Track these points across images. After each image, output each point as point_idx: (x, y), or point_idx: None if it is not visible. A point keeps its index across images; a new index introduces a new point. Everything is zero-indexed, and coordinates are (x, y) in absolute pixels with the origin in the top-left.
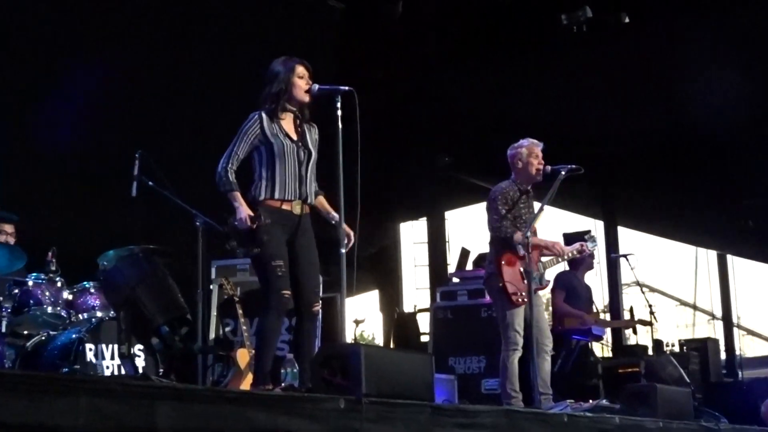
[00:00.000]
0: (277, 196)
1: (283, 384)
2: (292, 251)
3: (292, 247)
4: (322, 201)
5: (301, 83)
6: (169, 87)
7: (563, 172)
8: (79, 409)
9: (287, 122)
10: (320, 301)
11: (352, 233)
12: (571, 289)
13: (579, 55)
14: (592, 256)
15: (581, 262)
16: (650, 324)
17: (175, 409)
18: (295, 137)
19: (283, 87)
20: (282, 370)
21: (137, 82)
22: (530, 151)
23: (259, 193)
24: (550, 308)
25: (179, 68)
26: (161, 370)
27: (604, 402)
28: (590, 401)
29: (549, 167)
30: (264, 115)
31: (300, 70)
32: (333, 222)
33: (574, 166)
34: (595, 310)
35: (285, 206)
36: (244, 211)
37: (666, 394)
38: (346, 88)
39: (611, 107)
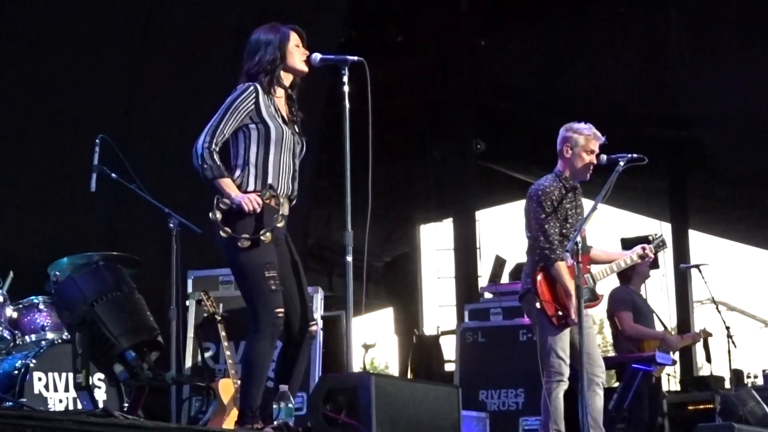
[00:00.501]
0: (267, 188)
1: (275, 422)
2: (279, 260)
3: (279, 254)
4: None
5: (297, 51)
6: (137, 58)
7: (622, 163)
8: None
9: (280, 102)
10: (318, 321)
11: None
12: (635, 307)
13: (654, 18)
14: (654, 265)
15: (634, 272)
16: (726, 339)
17: None
18: (288, 122)
19: (279, 54)
20: (274, 405)
21: (98, 54)
22: (587, 141)
23: (246, 183)
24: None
25: (148, 36)
26: (126, 405)
27: None
28: None
29: (605, 156)
30: (260, 89)
31: (295, 36)
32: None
33: (635, 155)
34: (661, 328)
35: (274, 203)
36: (242, 195)
37: None
38: (355, 57)
39: (681, 81)
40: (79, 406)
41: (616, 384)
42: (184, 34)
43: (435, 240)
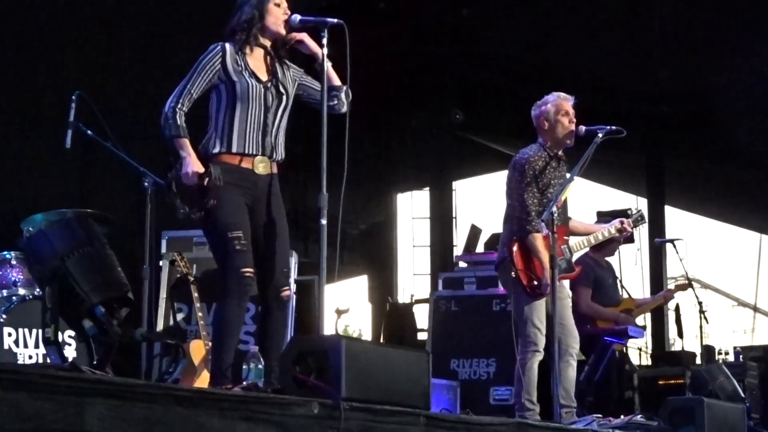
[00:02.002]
0: (234, 149)
1: (244, 383)
2: (254, 221)
3: (255, 215)
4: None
5: (278, 12)
6: (115, 12)
7: (600, 135)
8: None
9: (256, 59)
10: (291, 285)
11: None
12: (596, 281)
13: None
14: (629, 239)
15: (605, 244)
16: (699, 314)
17: (110, 408)
18: (264, 77)
19: (257, 14)
20: (244, 366)
21: (75, 8)
22: (558, 107)
23: (212, 146)
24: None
25: None
26: (95, 361)
27: (639, 418)
28: (622, 417)
29: (583, 128)
30: (228, 47)
31: None
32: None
33: (614, 127)
34: (626, 296)
35: (245, 163)
36: (191, 163)
37: (715, 411)
38: (335, 20)
39: (662, 55)
40: (48, 362)
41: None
42: None
43: (411, 209)
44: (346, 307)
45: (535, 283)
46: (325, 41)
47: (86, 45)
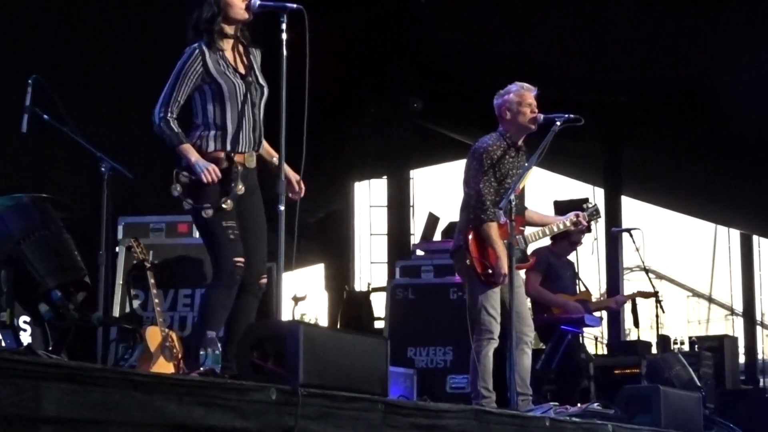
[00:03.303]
0: (229, 147)
1: (201, 368)
2: (241, 211)
3: (242, 205)
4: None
5: (237, 1)
6: None
7: (558, 123)
8: None
9: (229, 52)
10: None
11: (299, 179)
12: (550, 269)
13: None
14: (586, 230)
15: (561, 237)
16: (655, 304)
17: (66, 393)
18: (243, 71)
19: (216, 9)
20: (201, 351)
21: None
22: (521, 98)
23: (207, 145)
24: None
25: None
26: (50, 346)
27: (596, 406)
28: (578, 405)
29: (541, 116)
30: (205, 49)
31: None
32: (274, 169)
33: (572, 116)
34: (583, 289)
35: (237, 159)
36: (202, 162)
37: (671, 399)
38: (295, 5)
39: (621, 46)
40: (3, 345)
41: (543, 346)
42: None
43: (369, 197)
44: (304, 294)
45: (490, 271)
46: (284, 26)
47: (42, 28)
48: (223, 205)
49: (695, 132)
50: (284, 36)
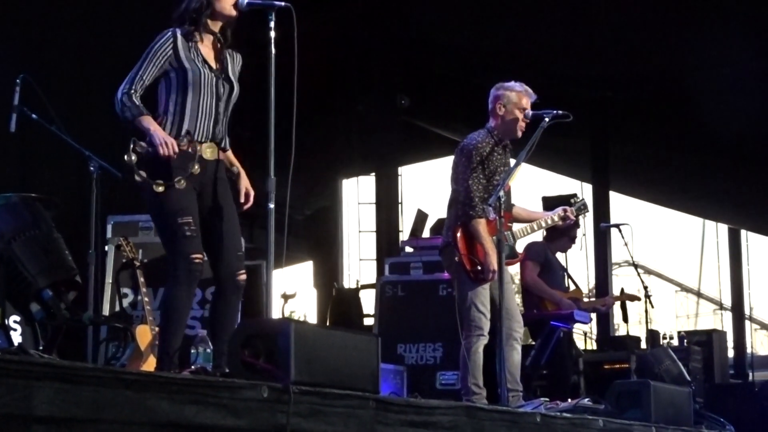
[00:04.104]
0: (184, 134)
1: (193, 367)
2: (203, 206)
3: (203, 200)
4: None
5: None
6: None
7: (547, 119)
8: None
9: (206, 47)
10: (245, 268)
11: (251, 191)
12: (546, 263)
13: None
14: (576, 225)
15: (560, 234)
16: (644, 299)
17: (58, 392)
18: (214, 65)
19: (204, 3)
20: (192, 350)
21: None
22: (519, 99)
23: (163, 129)
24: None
25: None
26: (41, 345)
27: (586, 401)
28: (569, 400)
29: (530, 112)
30: (179, 35)
31: None
32: (234, 177)
33: (560, 112)
34: (573, 287)
35: (191, 149)
36: (161, 134)
37: (661, 394)
38: (282, 3)
39: (608, 41)
40: None
41: (532, 342)
42: None
43: (357, 194)
44: (293, 292)
45: (479, 268)
46: (272, 24)
47: (30, 27)
48: (176, 184)
49: (681, 127)
50: (272, 34)
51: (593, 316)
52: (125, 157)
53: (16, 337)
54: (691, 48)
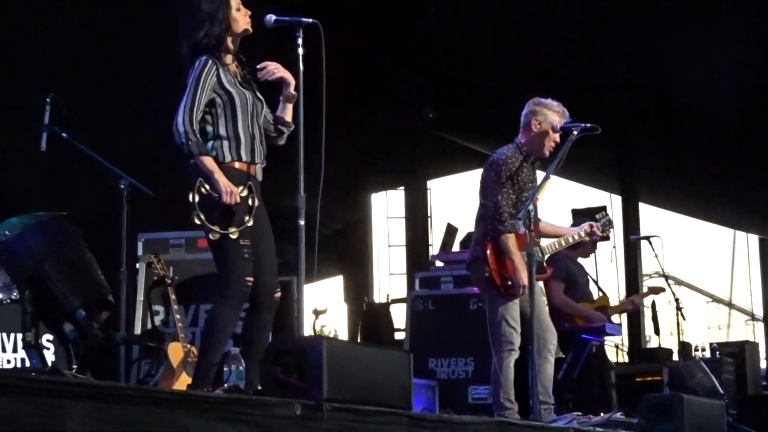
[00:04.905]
0: (244, 158)
1: (225, 385)
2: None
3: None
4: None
5: (241, 15)
6: (89, 17)
7: (575, 132)
8: None
9: (232, 67)
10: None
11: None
12: (569, 276)
13: None
14: (604, 238)
15: (580, 244)
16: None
17: (91, 411)
18: (246, 84)
19: (224, 27)
20: (225, 368)
21: (50, 11)
22: (556, 119)
23: (222, 155)
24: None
25: None
26: (75, 365)
27: (619, 415)
28: (601, 414)
29: (558, 125)
30: (217, 61)
31: (233, 1)
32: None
33: (589, 125)
34: (601, 294)
35: (251, 171)
36: (225, 181)
37: (694, 407)
38: (310, 20)
39: (635, 51)
40: (28, 365)
41: (563, 355)
42: None
43: (386, 208)
44: (324, 308)
45: (509, 283)
46: (300, 41)
47: (60, 47)
48: (231, 235)
49: (710, 137)
50: (301, 51)
51: (624, 327)
52: (189, 195)
53: (50, 356)
54: (717, 56)
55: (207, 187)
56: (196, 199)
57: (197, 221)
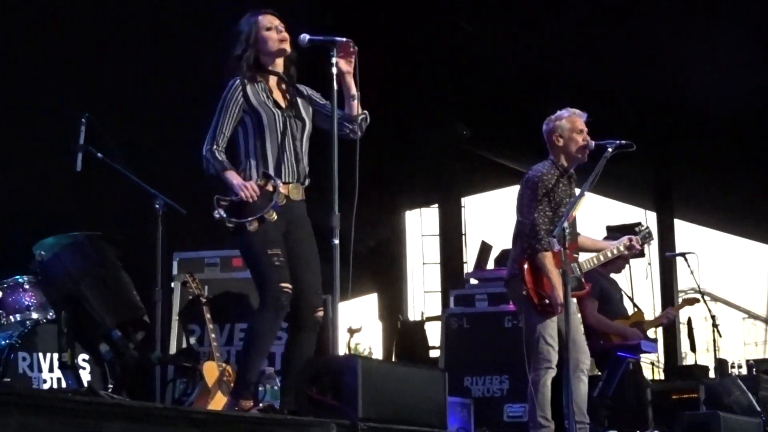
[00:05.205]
0: (260, 174)
1: (261, 404)
2: (288, 244)
3: (289, 238)
4: None
5: (272, 35)
6: (124, 38)
7: (610, 149)
8: (9, 429)
9: (273, 87)
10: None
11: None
12: (602, 294)
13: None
14: (640, 254)
15: (613, 260)
16: (711, 327)
17: (128, 431)
18: (284, 104)
19: (245, 46)
20: (260, 387)
21: (85, 32)
22: (572, 124)
23: (249, 175)
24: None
25: (135, 14)
26: (111, 385)
27: None
28: None
29: (593, 142)
30: (246, 81)
31: (265, 21)
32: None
33: (624, 141)
34: (636, 310)
35: (282, 190)
36: (239, 180)
37: (731, 425)
38: (344, 39)
39: (670, 68)
40: (64, 386)
41: (598, 372)
42: (165, 11)
43: (420, 225)
44: (359, 326)
45: (547, 301)
46: (334, 60)
47: (94, 67)
48: (266, 216)
49: (746, 152)
50: (335, 70)
51: (660, 344)
52: (214, 214)
53: (86, 377)
54: (754, 72)
55: (224, 198)
56: (222, 213)
57: (231, 225)
